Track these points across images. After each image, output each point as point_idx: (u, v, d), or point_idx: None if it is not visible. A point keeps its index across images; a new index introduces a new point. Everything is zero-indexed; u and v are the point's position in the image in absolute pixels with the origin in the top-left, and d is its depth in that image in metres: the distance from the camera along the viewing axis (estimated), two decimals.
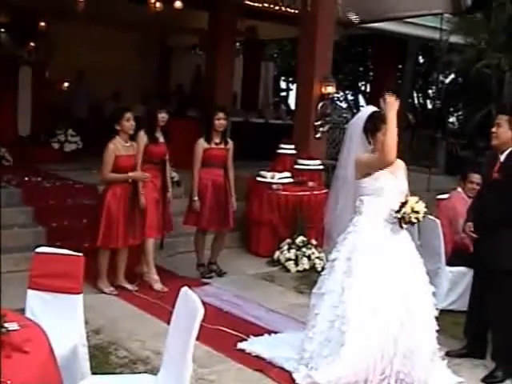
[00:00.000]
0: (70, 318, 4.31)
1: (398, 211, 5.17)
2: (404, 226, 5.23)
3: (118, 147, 7.14)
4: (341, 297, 5.19)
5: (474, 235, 5.86)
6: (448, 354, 5.91)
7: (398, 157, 5.51)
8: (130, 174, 7.21)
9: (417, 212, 5.12)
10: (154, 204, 7.52)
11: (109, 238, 7.14)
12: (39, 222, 8.66)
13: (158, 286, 7.52)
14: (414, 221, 5.15)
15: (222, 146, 7.98)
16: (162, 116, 7.57)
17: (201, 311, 3.40)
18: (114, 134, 7.17)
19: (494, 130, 5.76)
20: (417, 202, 5.15)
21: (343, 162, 5.75)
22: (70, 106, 14.46)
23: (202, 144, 7.86)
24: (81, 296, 4.35)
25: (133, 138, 7.36)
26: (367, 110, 5.63)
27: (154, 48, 17.91)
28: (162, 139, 7.62)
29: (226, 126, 8.10)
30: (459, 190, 7.74)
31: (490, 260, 5.67)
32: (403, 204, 5.15)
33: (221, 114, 7.87)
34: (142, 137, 7.47)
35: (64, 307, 4.30)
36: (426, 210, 5.19)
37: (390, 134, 5.09)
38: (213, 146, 7.90)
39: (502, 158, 5.73)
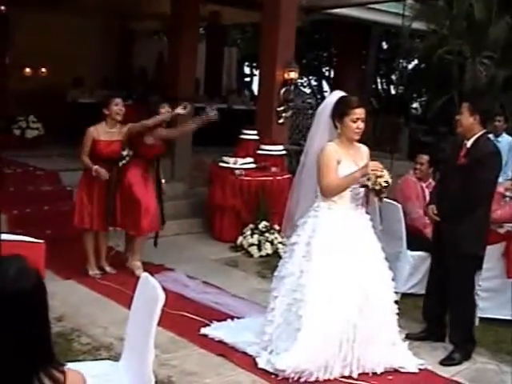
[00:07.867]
0: None
1: (365, 185, 5.21)
2: (376, 195, 5.30)
3: (98, 132, 7.10)
4: (299, 280, 5.24)
5: (437, 218, 5.87)
6: (407, 337, 5.98)
7: (363, 142, 5.57)
8: (95, 167, 7.01)
9: (381, 176, 5.06)
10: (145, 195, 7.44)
11: (82, 219, 7.18)
12: (0, 209, 8.53)
13: (139, 272, 7.07)
14: (384, 184, 5.07)
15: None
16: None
17: (161, 297, 3.40)
18: (101, 118, 7.14)
19: (457, 117, 5.79)
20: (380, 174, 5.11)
21: (308, 148, 5.74)
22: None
23: None
24: None
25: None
26: (335, 95, 5.57)
27: (115, 33, 17.71)
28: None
29: None
30: (411, 172, 7.83)
31: (453, 244, 5.71)
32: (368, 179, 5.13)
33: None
34: None
35: None
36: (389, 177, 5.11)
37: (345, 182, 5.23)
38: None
39: (469, 144, 5.74)
